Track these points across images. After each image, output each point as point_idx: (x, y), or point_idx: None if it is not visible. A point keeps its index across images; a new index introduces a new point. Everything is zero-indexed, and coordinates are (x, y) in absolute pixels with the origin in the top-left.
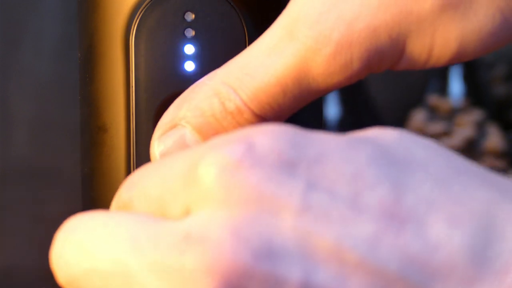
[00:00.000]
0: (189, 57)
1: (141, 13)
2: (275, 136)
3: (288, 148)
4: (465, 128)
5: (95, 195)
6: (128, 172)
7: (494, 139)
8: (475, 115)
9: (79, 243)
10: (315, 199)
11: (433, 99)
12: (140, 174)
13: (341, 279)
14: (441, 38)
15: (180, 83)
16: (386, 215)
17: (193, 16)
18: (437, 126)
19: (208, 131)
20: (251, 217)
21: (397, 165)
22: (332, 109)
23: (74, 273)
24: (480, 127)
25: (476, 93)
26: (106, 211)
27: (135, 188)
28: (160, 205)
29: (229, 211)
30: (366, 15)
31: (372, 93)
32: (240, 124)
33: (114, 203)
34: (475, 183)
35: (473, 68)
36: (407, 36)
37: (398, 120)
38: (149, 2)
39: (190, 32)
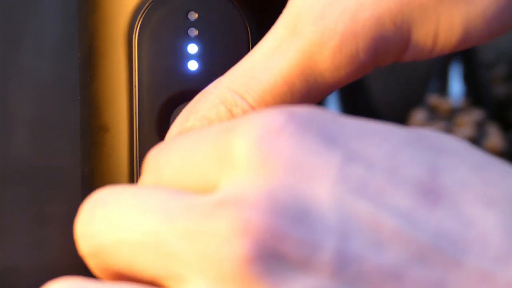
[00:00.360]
0: (192, 56)
1: (144, 13)
2: (316, 111)
3: (328, 122)
4: (465, 128)
5: None
6: (131, 172)
7: (494, 139)
8: (475, 115)
9: (108, 214)
10: (353, 170)
11: (433, 99)
12: (169, 142)
13: (376, 248)
14: (446, 23)
15: (184, 82)
16: (422, 191)
17: (196, 15)
18: (437, 126)
19: None
20: (289, 183)
21: (433, 150)
22: (332, 109)
23: (101, 244)
24: (480, 127)
25: (476, 93)
26: (135, 185)
27: (163, 155)
28: (189, 173)
29: (266, 176)
30: (370, 4)
31: (372, 93)
32: None
33: (142, 171)
34: (508, 172)
35: (473, 68)
36: (411, 23)
37: (399, 120)
38: (152, 2)
39: (193, 32)
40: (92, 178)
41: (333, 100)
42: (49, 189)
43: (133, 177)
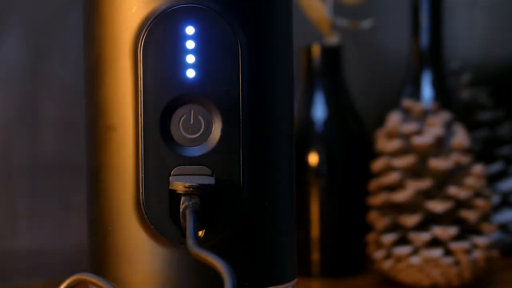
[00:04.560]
0: (190, 66)
1: (148, 28)
2: None
3: None
4: (435, 128)
5: (103, 186)
6: (137, 166)
7: (460, 137)
8: (444, 116)
9: None
10: None
11: (407, 102)
12: None
13: None
14: None
15: (183, 88)
16: None
17: (194, 30)
18: (411, 126)
19: None
20: None
21: None
22: (320, 110)
23: None
24: (448, 127)
25: (444, 97)
26: None
27: None
28: None
29: None
30: None
31: (355, 97)
32: None
33: None
34: None
35: (442, 75)
36: None
37: (377, 120)
38: (155, 18)
39: (191, 44)
40: (100, 171)
41: (319, 101)
42: (75, 180)
43: (138, 172)
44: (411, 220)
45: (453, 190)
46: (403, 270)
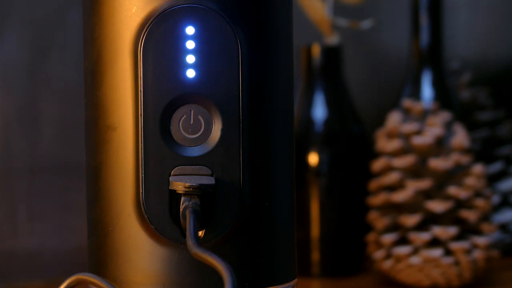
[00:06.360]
0: (190, 66)
1: (148, 28)
2: None
3: None
4: (435, 128)
5: (103, 186)
6: (137, 165)
7: (460, 137)
8: (444, 116)
9: None
10: None
11: (407, 102)
12: None
13: None
14: None
15: (183, 88)
16: None
17: (194, 30)
18: (411, 126)
19: None
20: None
21: None
22: (320, 110)
23: None
24: (448, 127)
25: (444, 97)
26: None
27: None
28: None
29: None
30: None
31: (355, 97)
32: None
33: None
34: None
35: (442, 75)
36: None
37: (377, 120)
38: (155, 18)
39: (191, 44)
40: (100, 170)
41: (319, 101)
42: (74, 181)
43: (138, 172)
44: (411, 220)
45: (453, 190)
46: (403, 270)
